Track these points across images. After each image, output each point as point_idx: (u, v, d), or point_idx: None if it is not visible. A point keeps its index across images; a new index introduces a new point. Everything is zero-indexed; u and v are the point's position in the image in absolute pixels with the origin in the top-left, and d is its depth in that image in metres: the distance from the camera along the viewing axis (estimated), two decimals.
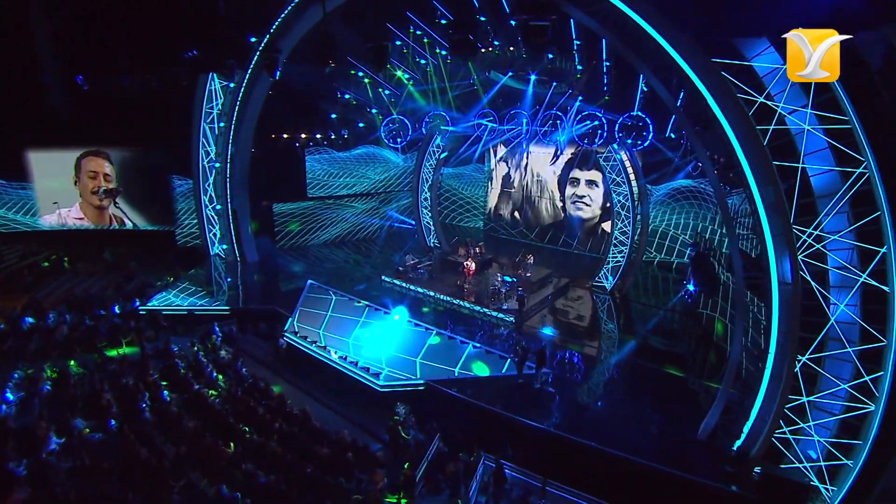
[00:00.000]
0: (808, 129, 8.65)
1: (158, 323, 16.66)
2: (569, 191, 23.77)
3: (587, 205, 23.35)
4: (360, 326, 16.18)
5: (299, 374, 14.78)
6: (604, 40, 14.03)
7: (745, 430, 10.08)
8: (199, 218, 21.42)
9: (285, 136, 22.32)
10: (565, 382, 13.88)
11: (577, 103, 18.17)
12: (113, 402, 11.86)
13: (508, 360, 13.90)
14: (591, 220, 23.46)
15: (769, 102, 8.90)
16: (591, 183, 22.96)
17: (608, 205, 22.51)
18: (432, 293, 18.93)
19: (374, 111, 21.65)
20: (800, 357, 9.19)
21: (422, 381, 13.63)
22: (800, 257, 8.99)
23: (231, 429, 11.40)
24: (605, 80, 16.13)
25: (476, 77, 18.37)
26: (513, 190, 25.73)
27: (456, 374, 13.89)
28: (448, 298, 18.49)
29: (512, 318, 16.95)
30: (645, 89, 14.56)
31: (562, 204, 24.24)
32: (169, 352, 14.58)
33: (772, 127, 8.94)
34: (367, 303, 17.23)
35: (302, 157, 23.19)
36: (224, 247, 21.37)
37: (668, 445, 11.45)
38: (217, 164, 20.43)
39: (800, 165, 8.77)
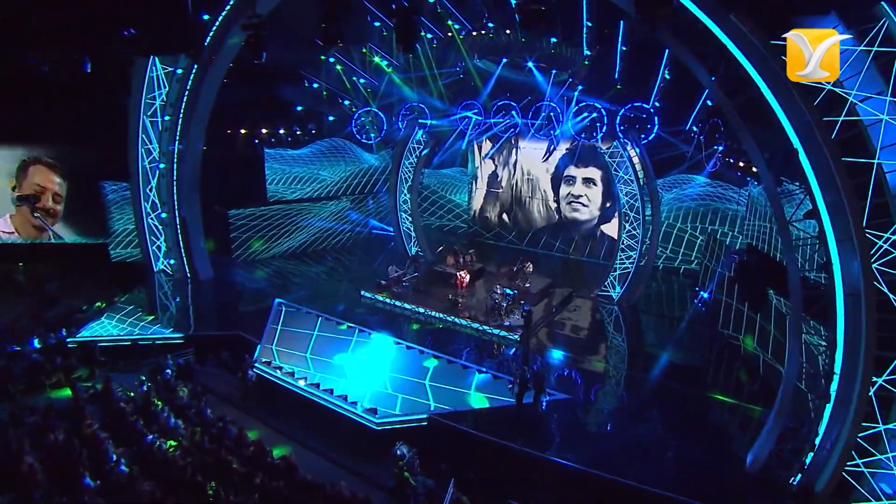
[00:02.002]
0: (885, 120, 8.27)
1: (94, 358, 14.86)
2: (563, 190, 23.30)
3: (584, 205, 22.93)
4: (346, 353, 15.09)
5: (275, 412, 13.45)
6: (622, 21, 13.53)
7: (807, 461, 9.62)
8: (138, 228, 19.82)
9: (243, 131, 20.80)
10: (573, 407, 13.37)
11: (577, 93, 17.75)
12: (37, 467, 10.07)
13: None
14: (589, 223, 23.07)
15: (838, 90, 8.48)
16: (588, 181, 22.55)
17: (608, 205, 22.24)
18: (422, 310, 17.97)
19: (346, 102, 20.49)
20: (875, 378, 8.79)
21: (424, 416, 12.64)
22: (874, 266, 8.61)
23: (200, 489, 10.01)
24: (618, 68, 15.62)
25: (470, 65, 17.58)
26: (500, 190, 25.07)
27: (466, 405, 13.07)
28: (441, 315, 17.57)
29: (516, 336, 16.21)
30: (668, 77, 14.15)
31: (556, 205, 23.76)
32: (111, 394, 12.88)
33: (841, 118, 8.53)
34: (349, 324, 16.20)
35: (262, 155, 21.72)
36: (171, 262, 19.72)
37: (714, 479, 10.97)
38: (162, 165, 18.81)
39: (875, 161, 8.39)
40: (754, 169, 11.35)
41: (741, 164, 11.98)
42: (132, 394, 13.16)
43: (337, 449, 12.18)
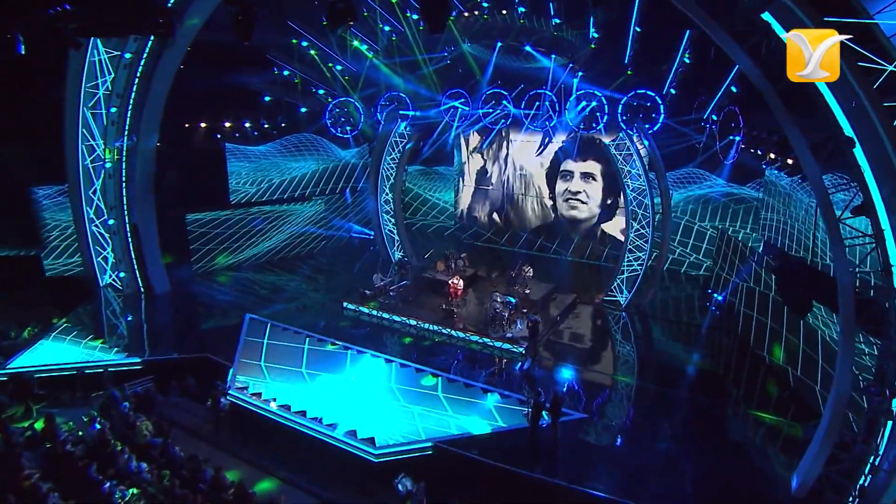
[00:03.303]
0: None
1: (30, 392, 13.51)
2: (560, 186, 22.96)
3: (583, 202, 22.59)
4: (335, 374, 14.37)
5: (255, 446, 12.56)
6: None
7: (866, 484, 9.33)
8: (79, 237, 18.54)
9: (203, 124, 19.71)
10: (590, 427, 13.07)
11: (576, 80, 17.38)
12: None
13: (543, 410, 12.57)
14: (589, 221, 22.77)
15: None
16: (587, 176, 22.25)
17: (609, 202, 21.99)
18: (413, 322, 17.32)
19: (321, 92, 19.61)
20: None
21: (429, 444, 12.00)
22: None
23: None
24: (630, 52, 15.24)
25: (464, 49, 16.96)
26: (490, 187, 24.59)
27: (471, 430, 12.52)
28: (436, 327, 16.97)
29: (521, 349, 15.70)
30: (687, 61, 13.83)
31: (552, 202, 23.41)
32: (54, 434, 11.65)
33: None
34: (333, 341, 15.53)
35: (224, 151, 20.65)
36: (121, 275, 18.57)
37: None
38: (108, 164, 17.64)
39: None
40: (789, 161, 11.08)
41: (772, 154, 11.71)
42: (81, 433, 12.02)
43: (330, 485, 11.51)
